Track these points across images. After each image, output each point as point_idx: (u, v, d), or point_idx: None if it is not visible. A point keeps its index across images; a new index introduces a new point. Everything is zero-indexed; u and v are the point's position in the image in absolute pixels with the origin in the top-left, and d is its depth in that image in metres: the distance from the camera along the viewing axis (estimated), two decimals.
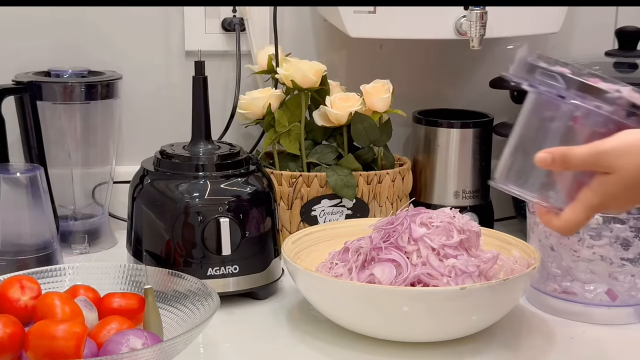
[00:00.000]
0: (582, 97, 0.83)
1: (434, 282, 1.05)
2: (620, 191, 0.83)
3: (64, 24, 1.42)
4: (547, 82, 0.84)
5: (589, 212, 0.84)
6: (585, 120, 0.84)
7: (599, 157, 0.82)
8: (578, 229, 0.86)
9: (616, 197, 0.83)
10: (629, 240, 1.10)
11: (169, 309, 1.04)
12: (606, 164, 0.82)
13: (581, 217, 0.85)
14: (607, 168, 0.82)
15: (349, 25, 1.32)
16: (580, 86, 0.83)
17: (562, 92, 0.84)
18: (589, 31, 1.58)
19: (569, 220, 0.85)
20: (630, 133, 0.82)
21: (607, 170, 0.82)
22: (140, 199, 1.18)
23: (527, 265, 1.10)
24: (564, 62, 0.85)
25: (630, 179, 0.82)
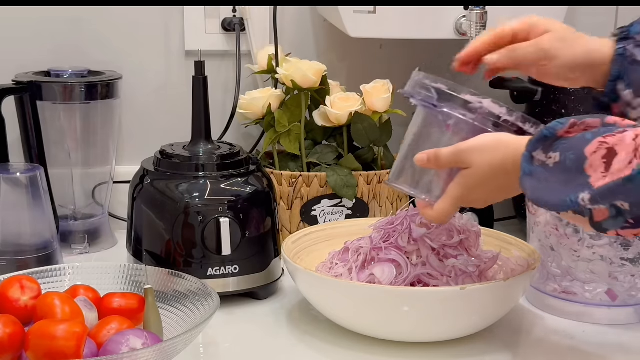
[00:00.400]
0: (450, 106, 0.99)
1: (434, 282, 1.05)
2: (477, 184, 0.95)
3: (64, 24, 1.42)
4: (424, 94, 1.01)
5: (454, 203, 0.98)
6: (455, 127, 0.99)
7: (460, 155, 0.96)
8: (448, 218, 1.00)
9: (473, 189, 0.96)
10: (629, 240, 1.10)
11: (169, 309, 1.04)
12: (465, 159, 0.95)
13: (448, 207, 0.98)
14: (466, 163, 0.95)
15: (349, 25, 1.32)
16: (449, 97, 0.99)
17: (434, 101, 1.00)
18: (589, 31, 1.57)
19: (439, 210, 0.99)
20: (487, 135, 0.96)
21: (466, 165, 0.95)
22: (140, 199, 1.18)
23: (527, 265, 1.10)
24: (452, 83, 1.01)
25: (484, 173, 0.94)
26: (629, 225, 0.82)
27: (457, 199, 0.98)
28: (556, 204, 0.86)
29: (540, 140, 0.89)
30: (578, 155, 0.85)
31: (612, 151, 0.83)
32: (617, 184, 0.81)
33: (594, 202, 0.82)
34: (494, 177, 0.94)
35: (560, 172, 0.86)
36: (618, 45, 1.02)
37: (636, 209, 0.80)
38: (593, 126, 0.87)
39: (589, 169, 0.83)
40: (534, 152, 0.89)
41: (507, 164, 0.92)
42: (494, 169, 0.94)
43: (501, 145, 0.94)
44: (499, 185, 0.95)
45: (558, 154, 0.86)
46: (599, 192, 0.82)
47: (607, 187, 0.81)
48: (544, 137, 0.88)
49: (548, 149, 0.88)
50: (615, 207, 0.81)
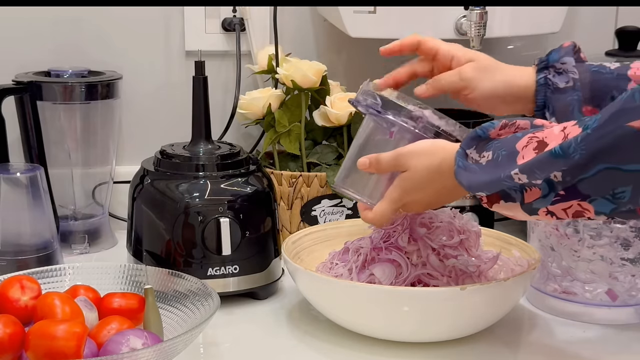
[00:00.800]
0: (394, 114, 1.02)
1: (434, 282, 1.05)
2: (414, 187, 0.99)
3: (64, 24, 1.42)
4: (370, 101, 1.04)
5: (392, 205, 1.01)
6: (398, 134, 1.03)
7: (399, 158, 0.99)
8: (386, 220, 1.03)
9: (411, 192, 0.99)
10: (629, 240, 1.10)
11: (169, 309, 1.04)
12: (404, 163, 0.99)
13: (387, 210, 1.01)
14: (404, 167, 0.99)
15: (349, 25, 1.32)
16: (392, 106, 1.03)
17: (378, 108, 1.03)
18: (589, 31, 1.58)
19: (377, 212, 1.02)
20: (424, 141, 1.00)
21: (404, 168, 0.99)
22: (140, 199, 1.18)
23: (527, 265, 1.10)
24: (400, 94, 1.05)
25: (421, 176, 0.98)
26: (559, 197, 0.84)
27: (395, 202, 1.01)
28: (489, 181, 0.88)
29: (474, 138, 0.92)
30: (510, 151, 0.88)
31: (542, 143, 0.86)
32: (544, 155, 0.83)
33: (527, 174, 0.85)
34: (431, 181, 0.98)
35: (492, 167, 0.89)
36: (539, 76, 1.07)
37: (569, 177, 0.82)
38: (523, 127, 0.91)
39: (520, 160, 0.86)
40: (467, 149, 0.92)
41: (443, 167, 0.96)
42: (430, 172, 0.97)
43: (438, 150, 0.97)
44: (436, 189, 0.98)
45: (490, 152, 0.90)
46: (527, 165, 0.84)
47: (535, 159, 0.84)
48: (477, 136, 0.92)
49: (481, 149, 0.91)
50: (547, 182, 0.84)
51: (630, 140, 0.78)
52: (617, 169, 0.80)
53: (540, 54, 1.58)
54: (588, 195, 0.83)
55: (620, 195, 0.81)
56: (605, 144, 0.79)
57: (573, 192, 0.83)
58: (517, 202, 0.88)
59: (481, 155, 0.91)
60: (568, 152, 0.81)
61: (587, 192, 0.83)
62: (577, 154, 0.81)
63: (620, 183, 0.80)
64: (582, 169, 0.81)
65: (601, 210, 0.83)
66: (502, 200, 0.89)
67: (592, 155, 0.80)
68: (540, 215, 0.88)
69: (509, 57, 1.58)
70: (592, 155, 0.80)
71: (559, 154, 0.82)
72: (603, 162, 0.80)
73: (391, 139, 1.03)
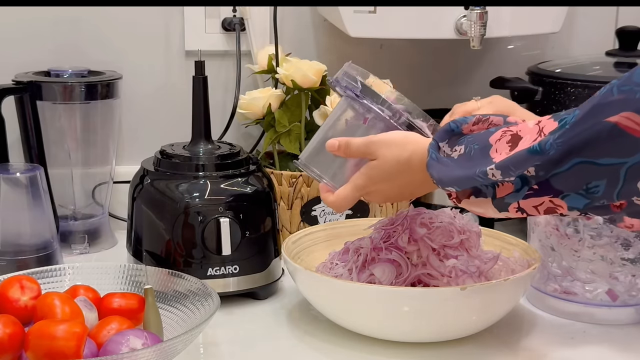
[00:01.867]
0: (371, 101, 1.02)
1: (434, 283, 1.05)
2: (380, 176, 0.99)
3: (64, 24, 1.42)
4: (350, 83, 1.03)
5: (355, 191, 1.01)
6: (372, 121, 1.03)
7: (370, 146, 0.99)
8: (346, 206, 1.02)
9: (377, 182, 0.99)
10: (630, 240, 1.10)
11: (169, 309, 1.04)
12: (374, 151, 0.98)
13: (349, 195, 1.01)
14: (374, 155, 0.99)
15: (349, 25, 1.32)
16: (371, 92, 1.03)
17: (357, 92, 1.03)
18: (589, 31, 1.58)
19: (339, 195, 1.02)
20: (397, 132, 1.00)
21: (374, 157, 0.99)
22: (140, 199, 1.18)
23: (527, 265, 1.10)
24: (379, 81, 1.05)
25: (390, 167, 0.97)
26: (532, 192, 0.84)
27: (359, 189, 1.01)
28: (462, 177, 0.88)
29: (447, 132, 0.92)
30: (482, 145, 0.88)
31: (516, 136, 0.85)
32: (520, 153, 0.83)
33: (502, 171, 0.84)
34: (398, 173, 0.98)
35: (465, 161, 0.89)
36: None
37: (542, 172, 0.82)
38: (496, 124, 0.91)
39: (493, 153, 0.86)
40: (440, 142, 0.92)
41: (412, 161, 0.96)
42: (400, 163, 0.97)
43: (410, 142, 0.97)
44: (402, 182, 0.98)
45: (463, 146, 0.90)
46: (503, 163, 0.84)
47: (512, 156, 0.83)
48: (450, 130, 0.92)
49: (453, 144, 0.91)
50: (521, 177, 0.83)
51: (606, 134, 0.78)
52: (592, 163, 0.79)
53: (540, 54, 1.59)
54: (561, 190, 0.82)
55: (593, 190, 0.80)
56: (582, 139, 0.79)
57: (546, 187, 0.83)
58: (489, 197, 0.88)
59: (453, 149, 0.91)
60: (545, 149, 0.81)
61: (560, 187, 0.82)
62: (553, 149, 0.80)
63: (594, 177, 0.80)
64: (556, 164, 0.81)
65: (574, 205, 0.83)
66: (472, 195, 0.89)
67: (567, 150, 0.80)
68: (510, 212, 0.87)
69: (509, 57, 1.59)
70: (567, 151, 0.80)
71: (536, 150, 0.82)
72: (578, 157, 0.79)
73: (363, 125, 1.03)
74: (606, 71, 1.42)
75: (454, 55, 1.56)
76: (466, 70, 1.57)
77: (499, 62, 1.58)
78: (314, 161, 1.06)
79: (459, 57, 1.56)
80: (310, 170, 1.06)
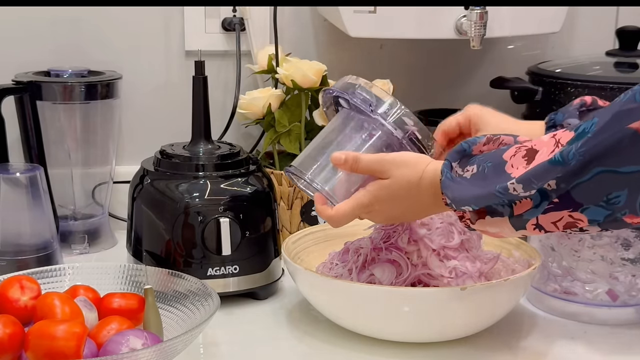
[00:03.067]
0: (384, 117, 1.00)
1: (434, 283, 1.05)
2: (389, 197, 0.96)
3: (64, 24, 1.42)
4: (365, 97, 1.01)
5: (356, 209, 0.98)
6: (379, 138, 1.01)
7: (382, 164, 0.96)
8: (346, 221, 1.00)
9: (383, 201, 0.97)
10: (630, 240, 1.10)
11: (169, 309, 1.04)
12: (385, 170, 0.96)
13: (349, 211, 0.98)
14: (385, 174, 0.96)
15: (349, 25, 1.32)
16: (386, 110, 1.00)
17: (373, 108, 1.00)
18: (589, 31, 1.58)
19: (340, 211, 0.99)
20: (410, 153, 0.99)
21: (384, 175, 0.96)
22: (140, 199, 1.18)
23: (527, 265, 1.10)
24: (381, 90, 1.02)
25: (400, 188, 0.95)
26: (552, 205, 0.83)
27: (362, 206, 0.98)
28: (479, 195, 0.87)
29: (459, 151, 0.91)
30: (496, 162, 0.86)
31: (531, 150, 0.84)
32: (542, 165, 0.82)
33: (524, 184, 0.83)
34: (408, 194, 0.95)
35: (479, 180, 0.87)
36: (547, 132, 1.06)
37: (563, 184, 0.81)
38: (507, 143, 0.90)
39: (510, 168, 0.85)
40: (453, 162, 0.91)
41: (422, 182, 0.94)
42: (410, 185, 0.95)
43: (420, 164, 0.95)
44: (408, 204, 0.97)
45: (475, 165, 0.89)
46: (524, 176, 0.83)
47: (533, 169, 0.82)
48: (462, 150, 0.91)
49: (465, 164, 0.90)
50: (540, 192, 0.82)
51: (629, 141, 0.77)
52: (614, 172, 0.78)
53: (540, 54, 1.59)
54: (581, 203, 0.81)
55: (614, 201, 0.79)
56: (604, 147, 0.78)
57: (566, 200, 0.82)
58: (505, 216, 0.86)
59: (465, 169, 0.90)
60: (568, 159, 0.80)
61: (581, 199, 0.81)
62: (575, 159, 0.79)
63: (614, 187, 0.79)
64: (577, 174, 0.80)
65: (594, 218, 0.82)
66: (488, 215, 0.88)
67: (589, 159, 0.79)
68: (527, 230, 0.86)
69: (509, 57, 1.59)
70: (589, 160, 0.79)
71: (558, 161, 0.80)
72: (600, 165, 0.78)
73: (368, 140, 1.01)
74: (606, 71, 1.42)
75: (454, 55, 1.56)
76: (466, 70, 1.57)
77: (499, 62, 1.58)
78: (309, 169, 1.02)
79: (459, 57, 1.56)
80: (304, 179, 1.02)
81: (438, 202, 0.92)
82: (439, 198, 0.92)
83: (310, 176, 1.02)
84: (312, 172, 1.02)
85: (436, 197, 0.92)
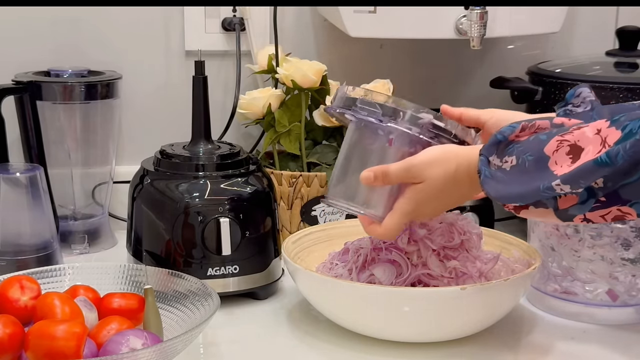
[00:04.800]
0: (395, 121, 0.99)
1: (434, 283, 1.05)
2: (429, 197, 0.96)
3: (64, 24, 1.42)
4: (367, 109, 0.99)
5: (404, 218, 0.98)
6: (398, 141, 1.00)
7: (411, 170, 0.96)
8: (397, 233, 1.00)
9: (425, 203, 0.97)
10: (630, 240, 1.10)
11: (169, 309, 1.04)
12: (417, 174, 0.96)
13: (398, 223, 0.98)
14: (418, 178, 0.96)
15: (349, 25, 1.32)
16: (393, 112, 0.99)
17: (379, 117, 0.99)
18: (589, 31, 1.58)
19: (387, 226, 0.98)
20: (434, 148, 0.97)
21: (417, 180, 0.96)
22: (140, 199, 1.18)
23: (527, 265, 1.10)
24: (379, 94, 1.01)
25: (437, 186, 0.95)
26: (599, 204, 0.83)
27: (407, 214, 0.98)
28: (524, 193, 0.86)
29: (494, 144, 0.90)
30: (537, 157, 0.86)
31: (575, 147, 0.84)
32: (587, 165, 0.81)
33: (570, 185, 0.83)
34: (447, 189, 0.95)
35: (520, 174, 0.87)
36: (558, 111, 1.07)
37: (610, 183, 0.81)
38: (543, 127, 0.89)
39: (554, 166, 0.84)
40: (489, 156, 0.90)
41: (458, 174, 0.94)
42: (447, 180, 0.95)
43: (451, 157, 0.95)
44: (451, 197, 0.97)
45: (514, 157, 0.88)
46: (570, 176, 0.82)
47: (579, 169, 0.82)
48: (497, 141, 0.90)
49: (502, 154, 0.89)
50: (587, 189, 0.82)
51: None
52: None
53: (540, 54, 1.59)
54: (629, 199, 0.82)
55: None
56: None
57: (614, 198, 0.82)
58: (550, 208, 0.86)
59: (503, 160, 0.89)
60: (616, 160, 0.80)
61: (629, 197, 0.81)
62: (623, 160, 0.79)
63: None
64: (626, 174, 0.80)
65: None
66: (532, 206, 0.87)
67: (637, 160, 0.79)
68: (574, 221, 0.86)
69: (509, 57, 1.59)
70: (637, 160, 0.79)
71: (605, 162, 0.80)
72: None
73: (390, 146, 1.00)
74: (606, 71, 1.42)
75: (454, 55, 1.56)
76: (466, 70, 1.57)
77: (499, 62, 1.58)
78: (342, 195, 1.01)
79: (459, 57, 1.56)
80: (342, 205, 1.02)
81: (477, 188, 0.92)
82: (476, 184, 0.91)
83: (346, 202, 1.01)
84: (347, 197, 1.01)
85: (473, 184, 0.92)
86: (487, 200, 1.45)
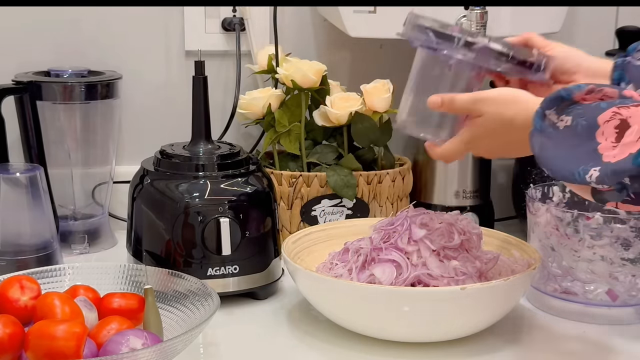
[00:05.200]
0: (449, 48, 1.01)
1: (434, 283, 1.05)
2: (484, 133, 0.98)
3: (64, 24, 1.42)
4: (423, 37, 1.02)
5: (461, 145, 1.00)
6: (457, 67, 1.02)
7: (476, 103, 0.98)
8: (453, 158, 1.03)
9: (481, 138, 0.99)
10: (630, 240, 1.10)
11: (169, 309, 1.04)
12: (480, 108, 0.98)
13: (455, 147, 1.01)
14: (479, 112, 0.98)
15: (349, 25, 1.32)
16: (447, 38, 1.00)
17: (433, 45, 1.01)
18: (589, 31, 1.58)
19: (447, 148, 1.01)
20: (506, 89, 0.99)
21: (477, 113, 0.98)
22: (140, 199, 1.18)
23: (527, 265, 1.10)
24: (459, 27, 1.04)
25: (493, 124, 0.97)
26: (629, 199, 0.83)
27: (465, 142, 1.00)
28: (563, 175, 0.87)
29: (555, 99, 0.89)
30: (590, 123, 0.85)
31: (625, 122, 0.83)
32: (625, 161, 0.81)
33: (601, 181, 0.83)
34: (502, 132, 0.96)
35: (569, 136, 0.87)
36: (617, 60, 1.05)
37: (637, 185, 0.81)
38: (610, 96, 0.88)
39: (600, 136, 0.84)
40: (547, 110, 0.89)
41: (517, 120, 0.94)
42: (503, 122, 0.95)
43: (517, 101, 0.95)
44: (504, 140, 0.97)
45: (570, 117, 0.87)
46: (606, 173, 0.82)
47: (616, 165, 0.82)
48: (560, 97, 0.89)
49: (561, 112, 0.88)
50: (620, 183, 0.82)
51: None
52: None
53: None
54: None
55: None
56: None
57: None
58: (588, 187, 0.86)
59: (559, 118, 0.88)
60: None
61: None
62: None
63: None
64: None
65: None
66: None
67: None
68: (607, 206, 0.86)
69: None
70: None
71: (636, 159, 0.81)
72: None
73: (450, 72, 1.02)
74: None
75: None
76: None
77: None
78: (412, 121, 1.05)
79: None
80: (410, 129, 1.05)
81: None
82: None
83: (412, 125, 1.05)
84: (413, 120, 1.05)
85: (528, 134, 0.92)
86: (487, 200, 1.45)
